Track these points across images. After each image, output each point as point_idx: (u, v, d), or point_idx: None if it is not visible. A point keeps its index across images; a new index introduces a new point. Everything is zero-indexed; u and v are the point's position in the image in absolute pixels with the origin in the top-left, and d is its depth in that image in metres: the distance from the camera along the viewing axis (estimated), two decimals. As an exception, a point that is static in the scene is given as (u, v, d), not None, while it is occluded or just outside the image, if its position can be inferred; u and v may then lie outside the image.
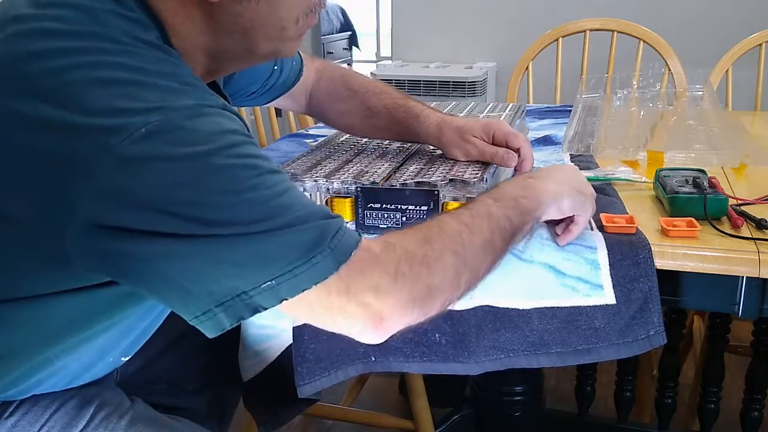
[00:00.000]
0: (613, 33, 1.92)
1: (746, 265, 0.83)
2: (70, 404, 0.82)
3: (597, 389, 1.49)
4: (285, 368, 0.94)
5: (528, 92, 1.94)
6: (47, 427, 0.80)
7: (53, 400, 0.82)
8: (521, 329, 0.88)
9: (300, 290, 0.62)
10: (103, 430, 0.81)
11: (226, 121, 0.64)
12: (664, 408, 1.41)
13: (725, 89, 1.86)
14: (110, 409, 0.83)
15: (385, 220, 0.87)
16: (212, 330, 0.64)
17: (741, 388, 1.36)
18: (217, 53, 0.74)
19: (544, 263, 0.86)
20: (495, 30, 3.52)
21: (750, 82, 1.84)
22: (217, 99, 0.66)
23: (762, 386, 1.35)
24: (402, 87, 3.45)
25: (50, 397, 0.82)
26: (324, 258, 0.62)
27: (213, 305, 0.61)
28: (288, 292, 0.61)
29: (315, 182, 0.89)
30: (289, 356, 0.93)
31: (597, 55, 1.94)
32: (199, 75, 0.74)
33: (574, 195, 0.85)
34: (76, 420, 0.81)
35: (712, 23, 3.10)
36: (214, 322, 0.63)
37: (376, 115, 1.07)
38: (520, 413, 1.36)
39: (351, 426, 1.72)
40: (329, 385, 0.93)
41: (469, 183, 0.88)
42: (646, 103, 1.52)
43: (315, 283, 0.62)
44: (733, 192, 1.02)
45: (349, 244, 0.64)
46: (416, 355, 0.92)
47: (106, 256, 0.61)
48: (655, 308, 0.85)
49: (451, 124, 1.01)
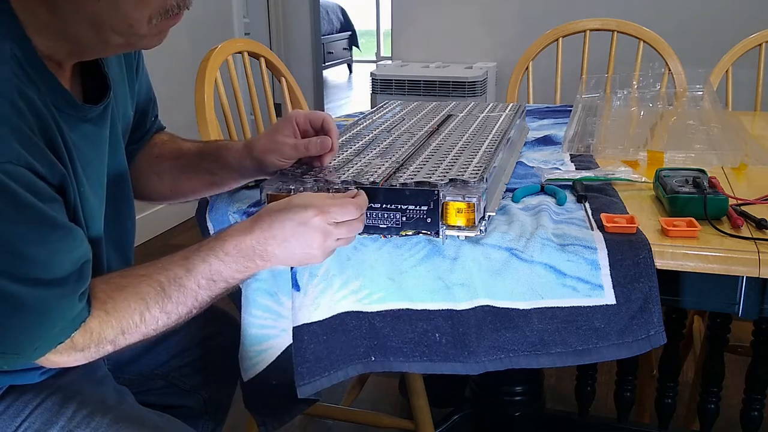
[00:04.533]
0: (613, 33, 1.92)
1: (746, 265, 0.83)
2: (50, 401, 0.82)
3: (597, 389, 1.50)
4: (285, 368, 0.94)
5: (528, 92, 1.94)
6: (27, 423, 0.80)
7: (35, 396, 0.82)
8: (521, 329, 0.88)
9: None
10: (84, 427, 0.81)
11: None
12: (664, 408, 1.41)
13: (725, 89, 1.86)
14: (92, 407, 0.83)
15: (385, 220, 0.87)
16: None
17: (741, 388, 1.37)
18: (69, 37, 0.74)
19: (545, 263, 0.86)
20: (495, 30, 3.52)
21: (750, 82, 1.84)
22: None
23: (762, 386, 1.35)
24: (402, 87, 3.45)
25: (32, 393, 0.82)
26: None
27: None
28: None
29: (315, 182, 0.89)
30: (289, 356, 0.93)
31: (597, 55, 1.94)
32: (64, 53, 0.75)
33: (304, 257, 0.81)
34: (56, 417, 0.81)
35: (712, 23, 3.10)
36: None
37: (185, 155, 1.04)
38: (520, 413, 1.36)
39: (351, 426, 1.72)
40: (329, 385, 0.93)
41: (469, 183, 0.88)
42: (646, 103, 1.52)
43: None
44: (733, 192, 1.02)
45: None
46: (416, 355, 0.92)
47: None
48: (655, 308, 0.85)
49: (258, 138, 0.97)
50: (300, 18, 4.84)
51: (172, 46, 3.02)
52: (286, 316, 0.93)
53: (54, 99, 0.73)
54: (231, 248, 0.79)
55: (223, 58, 1.49)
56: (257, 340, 0.95)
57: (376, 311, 0.91)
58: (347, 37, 8.05)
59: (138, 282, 0.77)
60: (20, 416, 0.80)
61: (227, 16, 3.47)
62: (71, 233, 0.73)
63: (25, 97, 0.68)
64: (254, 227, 0.79)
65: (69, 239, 0.72)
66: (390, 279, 0.90)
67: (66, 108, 0.75)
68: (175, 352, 1.08)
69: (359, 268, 0.91)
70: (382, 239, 0.90)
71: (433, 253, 0.89)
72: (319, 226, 0.79)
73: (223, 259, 0.79)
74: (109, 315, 0.75)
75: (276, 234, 0.79)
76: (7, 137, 0.65)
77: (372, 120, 1.29)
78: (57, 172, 0.71)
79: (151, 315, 0.77)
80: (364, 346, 0.93)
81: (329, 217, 0.79)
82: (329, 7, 7.60)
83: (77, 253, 0.73)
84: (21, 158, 0.66)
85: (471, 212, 0.84)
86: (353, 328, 0.92)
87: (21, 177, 0.66)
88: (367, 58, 9.06)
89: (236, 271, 0.80)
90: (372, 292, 0.91)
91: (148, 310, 0.76)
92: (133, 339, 0.78)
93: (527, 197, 1.03)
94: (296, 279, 0.92)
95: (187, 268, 0.78)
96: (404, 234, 0.87)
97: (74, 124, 0.77)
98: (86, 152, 0.80)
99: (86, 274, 0.75)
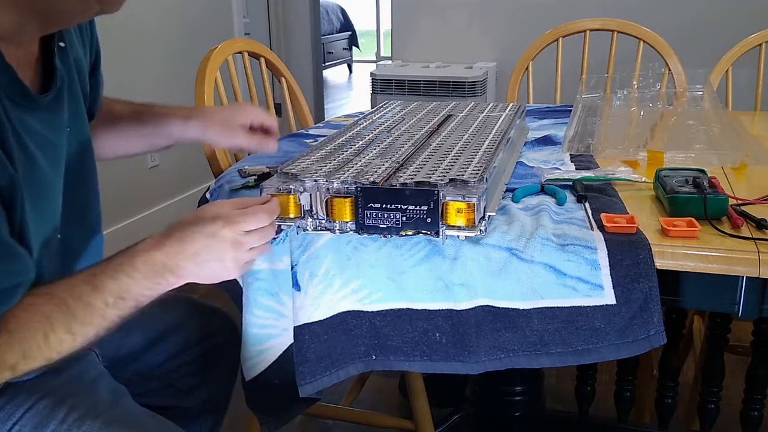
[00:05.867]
0: (613, 33, 1.92)
1: (746, 265, 0.83)
2: (41, 404, 0.82)
3: (597, 389, 1.50)
4: (287, 368, 0.94)
5: (528, 92, 1.94)
6: (18, 426, 0.79)
7: (26, 399, 0.81)
8: (521, 329, 0.88)
9: None
10: (76, 430, 0.80)
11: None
12: (664, 408, 1.41)
13: (725, 89, 1.86)
14: (83, 409, 0.82)
15: (385, 220, 0.87)
16: None
17: (741, 388, 1.37)
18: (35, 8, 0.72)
19: (545, 263, 0.86)
20: (495, 30, 3.52)
21: (750, 82, 1.84)
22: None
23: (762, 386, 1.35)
24: (402, 87, 3.45)
25: (24, 395, 0.82)
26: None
27: None
28: None
29: (315, 182, 0.89)
30: (291, 356, 0.93)
31: (597, 55, 1.94)
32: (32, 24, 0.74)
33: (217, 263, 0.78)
34: (48, 420, 0.80)
35: (712, 23, 3.10)
36: None
37: (120, 119, 1.05)
38: (520, 413, 1.36)
39: (351, 426, 1.72)
40: (330, 384, 0.93)
41: (469, 183, 0.88)
42: (646, 103, 1.52)
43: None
44: (733, 192, 1.02)
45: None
46: (417, 355, 0.92)
47: None
48: (655, 308, 0.85)
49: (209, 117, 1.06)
50: (300, 18, 4.84)
51: (172, 46, 3.02)
52: (288, 316, 0.93)
53: (6, 89, 0.72)
54: (140, 264, 0.75)
55: (223, 58, 1.50)
56: (259, 340, 0.95)
57: (377, 311, 0.92)
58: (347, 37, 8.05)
59: (42, 301, 0.72)
60: (11, 419, 0.80)
61: (227, 16, 3.47)
62: (12, 254, 0.70)
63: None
64: (164, 242, 0.77)
65: (8, 260, 0.70)
66: (390, 279, 0.90)
67: (18, 99, 0.74)
68: (173, 353, 1.08)
69: (359, 267, 0.91)
70: (382, 239, 0.90)
71: (433, 253, 0.89)
72: (228, 237, 0.77)
73: (133, 275, 0.75)
74: (11, 335, 0.70)
75: (186, 248, 0.76)
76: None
77: (372, 120, 1.29)
78: (5, 173, 0.69)
79: (56, 336, 0.72)
80: (365, 345, 0.93)
81: (238, 227, 0.77)
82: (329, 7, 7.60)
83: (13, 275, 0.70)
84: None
85: (471, 212, 0.85)
86: (354, 328, 0.93)
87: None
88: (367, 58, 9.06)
89: (146, 288, 0.76)
90: (372, 292, 0.91)
91: (53, 331, 0.71)
92: (35, 364, 0.72)
93: (527, 197, 1.03)
94: (297, 279, 0.92)
95: (94, 286, 0.74)
96: (404, 234, 0.87)
97: (29, 112, 0.76)
98: (44, 134, 0.78)
99: (12, 299, 0.71)
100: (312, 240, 0.92)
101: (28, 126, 0.75)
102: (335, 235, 0.91)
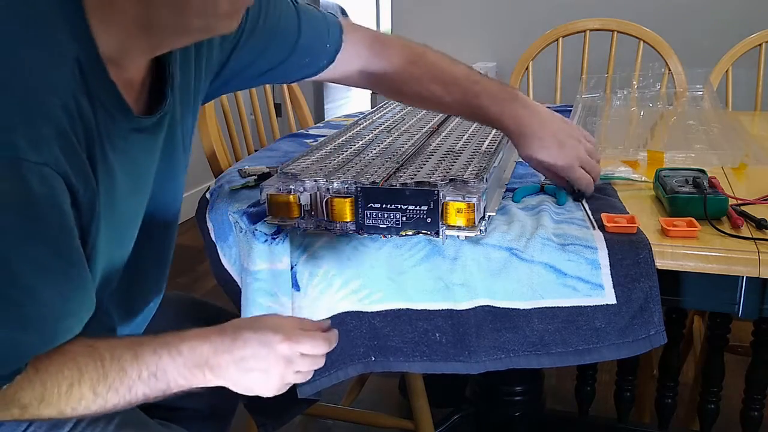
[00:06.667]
0: (613, 33, 1.92)
1: (746, 265, 0.83)
2: None
3: (597, 389, 1.49)
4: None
5: (528, 92, 1.94)
6: (34, 426, 0.79)
7: None
8: (522, 329, 0.88)
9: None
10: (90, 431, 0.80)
11: None
12: (664, 408, 1.41)
13: (725, 89, 1.86)
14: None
15: (385, 220, 0.87)
16: None
17: (741, 388, 1.36)
18: (150, 26, 0.69)
19: (545, 263, 0.86)
20: (495, 30, 3.52)
21: (750, 82, 1.84)
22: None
23: (762, 386, 1.35)
24: (402, 87, 3.44)
25: None
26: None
27: None
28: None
29: (315, 182, 0.89)
30: (290, 356, 0.93)
31: (597, 55, 1.94)
32: (139, 50, 0.71)
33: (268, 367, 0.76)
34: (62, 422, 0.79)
35: (712, 23, 3.10)
36: None
37: (445, 106, 1.06)
38: (520, 413, 1.36)
39: (351, 426, 1.72)
40: (329, 384, 0.93)
41: (468, 183, 0.88)
42: (646, 103, 1.52)
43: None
44: (733, 192, 1.02)
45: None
46: (417, 355, 0.92)
47: None
48: (655, 308, 0.85)
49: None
50: (300, 18, 4.83)
51: (172, 46, 3.01)
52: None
53: (108, 107, 0.69)
54: (186, 349, 0.73)
55: (223, 58, 1.49)
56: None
57: (376, 311, 0.91)
58: (347, 37, 8.05)
59: (83, 351, 0.69)
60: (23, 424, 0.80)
61: (227, 16, 3.47)
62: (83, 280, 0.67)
63: (79, 104, 0.64)
64: (213, 336, 0.75)
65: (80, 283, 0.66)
66: (390, 279, 0.90)
67: (119, 117, 0.71)
68: None
69: (359, 268, 0.91)
70: (382, 239, 0.90)
71: (433, 253, 0.89)
72: (283, 352, 0.75)
73: (175, 358, 0.72)
74: (37, 374, 0.67)
75: (235, 350, 0.74)
76: (51, 140, 0.61)
77: (372, 120, 1.29)
78: (89, 189, 0.66)
79: (80, 390, 0.68)
80: (364, 346, 0.93)
81: (297, 347, 0.75)
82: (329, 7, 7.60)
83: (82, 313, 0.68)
84: (59, 165, 0.61)
85: (471, 212, 0.84)
86: (353, 328, 0.92)
87: (53, 185, 0.60)
88: (367, 58, 9.04)
89: (182, 375, 0.73)
90: (372, 292, 0.91)
91: (79, 384, 0.68)
92: (46, 412, 0.69)
93: (527, 197, 1.03)
94: (296, 279, 0.92)
95: (135, 354, 0.71)
96: (404, 234, 0.87)
97: (125, 134, 0.72)
98: (136, 157, 0.75)
99: (65, 338, 0.68)
100: (312, 240, 0.92)
101: (121, 148, 0.72)
102: (335, 236, 0.91)
